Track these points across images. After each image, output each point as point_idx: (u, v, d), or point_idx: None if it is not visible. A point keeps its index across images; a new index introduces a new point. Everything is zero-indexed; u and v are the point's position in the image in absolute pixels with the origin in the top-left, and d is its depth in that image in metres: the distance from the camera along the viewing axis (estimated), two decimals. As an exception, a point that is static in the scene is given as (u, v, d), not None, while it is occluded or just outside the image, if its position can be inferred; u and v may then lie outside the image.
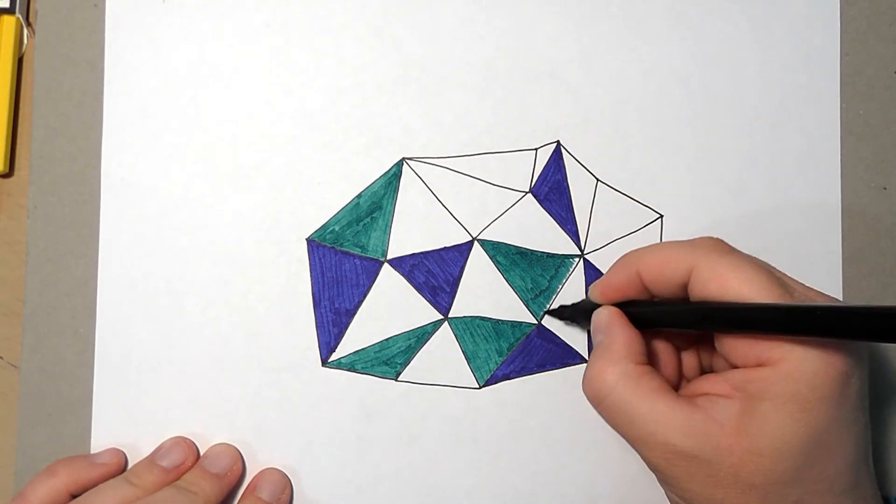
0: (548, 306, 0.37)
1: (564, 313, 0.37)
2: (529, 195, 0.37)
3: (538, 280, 0.37)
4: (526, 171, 0.37)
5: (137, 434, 0.36)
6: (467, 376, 0.37)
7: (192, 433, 0.36)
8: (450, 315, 0.37)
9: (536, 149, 0.37)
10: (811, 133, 0.38)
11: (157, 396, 0.36)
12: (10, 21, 0.37)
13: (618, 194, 0.37)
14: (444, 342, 0.37)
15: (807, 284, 0.31)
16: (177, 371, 0.36)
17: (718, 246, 0.31)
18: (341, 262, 0.37)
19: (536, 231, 0.37)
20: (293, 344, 0.36)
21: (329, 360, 0.36)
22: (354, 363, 0.36)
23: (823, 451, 0.28)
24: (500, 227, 0.37)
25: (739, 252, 0.31)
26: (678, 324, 0.32)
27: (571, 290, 0.37)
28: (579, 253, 0.37)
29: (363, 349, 0.36)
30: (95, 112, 0.36)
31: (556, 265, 0.37)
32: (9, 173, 0.37)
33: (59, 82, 0.36)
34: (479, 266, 0.37)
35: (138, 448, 0.36)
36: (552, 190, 0.37)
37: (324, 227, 0.37)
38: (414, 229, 0.37)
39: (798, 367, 0.28)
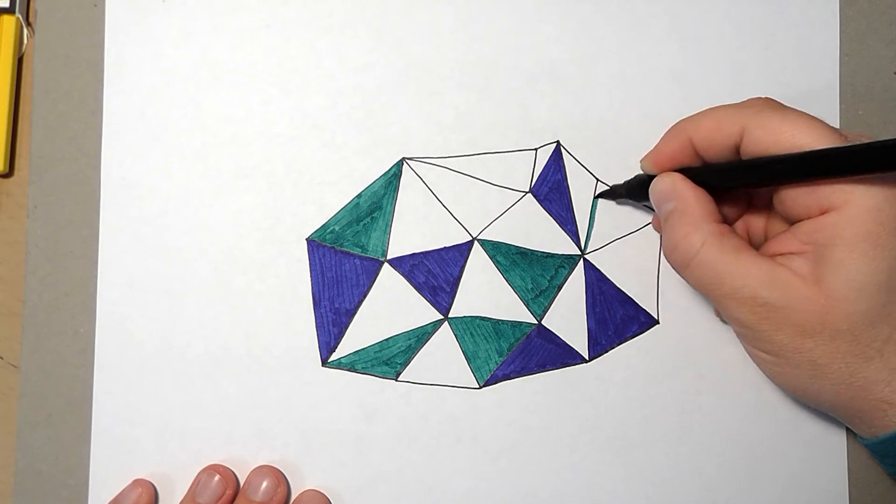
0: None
1: (618, 191, 0.37)
2: (529, 195, 0.37)
3: (538, 280, 0.37)
4: (526, 171, 0.37)
5: (137, 434, 0.36)
6: (467, 376, 0.37)
7: (192, 433, 0.36)
8: (450, 315, 0.37)
9: (536, 149, 0.37)
10: (811, 133, 0.38)
11: (157, 396, 0.36)
12: (10, 21, 0.37)
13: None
14: (444, 342, 0.37)
15: None
16: (177, 371, 0.36)
17: (768, 103, 0.31)
18: (341, 262, 0.37)
19: (536, 231, 0.37)
20: (293, 344, 0.36)
21: (329, 360, 0.36)
22: (354, 363, 0.36)
23: None
24: (500, 227, 0.37)
25: (789, 107, 0.31)
26: (737, 183, 0.32)
27: (571, 290, 0.37)
28: (579, 253, 0.37)
29: (363, 349, 0.36)
30: (95, 112, 0.36)
31: (556, 265, 0.37)
32: (9, 173, 0.37)
33: (59, 82, 0.36)
34: (479, 266, 0.37)
35: (139, 448, 0.36)
36: (552, 190, 0.37)
37: (324, 227, 0.37)
38: (414, 229, 0.37)
39: (863, 205, 0.28)
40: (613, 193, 0.37)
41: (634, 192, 0.36)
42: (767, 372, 0.32)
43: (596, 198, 0.37)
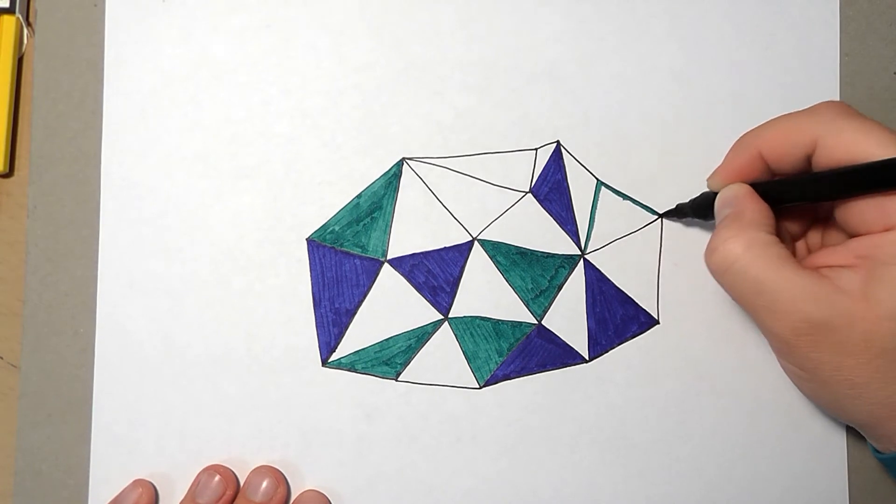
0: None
1: (684, 209, 0.36)
2: (529, 195, 0.37)
3: (538, 280, 0.37)
4: (526, 171, 0.37)
5: (137, 434, 0.36)
6: (467, 376, 0.37)
7: (192, 433, 0.36)
8: (450, 315, 0.37)
9: (536, 149, 0.37)
10: (811, 133, 0.38)
11: (157, 396, 0.36)
12: (10, 21, 0.37)
13: (617, 194, 0.37)
14: (445, 342, 0.37)
15: None
16: (177, 371, 0.36)
17: (842, 110, 0.31)
18: (341, 262, 0.37)
19: (536, 231, 0.37)
20: (293, 344, 0.36)
21: (329, 360, 0.36)
22: (354, 363, 0.36)
23: None
24: (500, 227, 0.37)
25: (862, 115, 0.30)
26: (807, 196, 0.31)
27: (571, 290, 0.37)
28: (579, 253, 0.37)
29: (363, 349, 0.36)
30: (95, 112, 0.36)
31: (556, 265, 0.37)
32: (9, 173, 0.37)
33: (59, 82, 0.36)
34: (479, 266, 0.37)
35: (139, 448, 0.36)
36: (552, 190, 0.37)
37: (324, 227, 0.37)
38: (414, 229, 0.37)
39: None
40: (679, 212, 0.37)
41: (699, 210, 0.35)
42: (801, 387, 0.31)
43: (661, 216, 0.37)
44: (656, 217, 0.37)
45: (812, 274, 0.30)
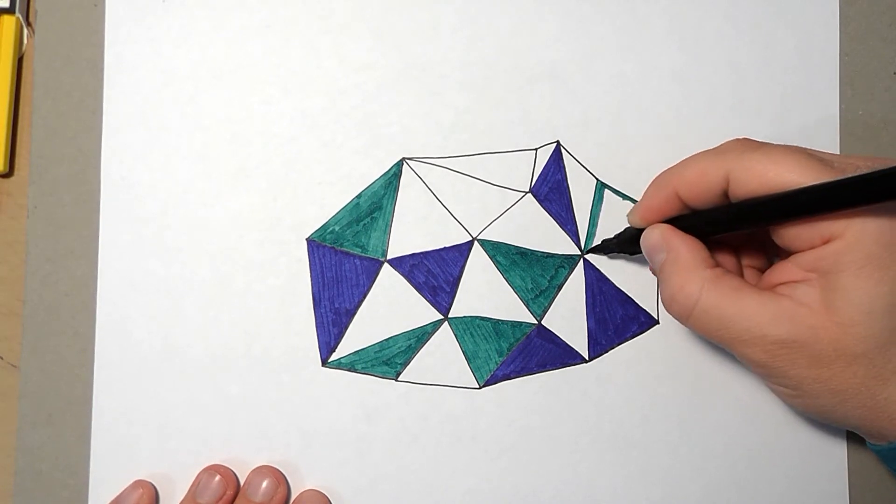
0: (589, 246, 0.37)
1: (609, 246, 0.36)
2: (529, 195, 0.37)
3: (538, 280, 0.37)
4: (526, 171, 0.37)
5: (137, 434, 0.36)
6: (467, 376, 0.37)
7: (192, 433, 0.36)
8: (450, 315, 0.37)
9: (536, 149, 0.37)
10: (810, 133, 0.38)
11: (157, 396, 0.36)
12: (10, 21, 0.37)
13: (617, 194, 0.37)
14: (444, 342, 0.37)
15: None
16: (177, 371, 0.36)
17: (747, 144, 0.31)
18: (341, 262, 0.37)
19: (536, 231, 0.37)
20: (293, 344, 0.36)
21: (329, 360, 0.36)
22: (354, 363, 0.36)
23: None
24: (500, 227, 0.37)
25: (769, 144, 0.31)
26: (729, 228, 0.31)
27: (571, 290, 0.37)
28: (579, 253, 0.37)
29: (363, 349, 0.36)
30: (95, 112, 0.36)
31: (556, 265, 0.37)
32: (9, 173, 0.37)
33: (59, 82, 0.36)
34: (479, 266, 0.37)
35: (139, 448, 0.36)
36: (552, 190, 0.37)
37: (324, 227, 0.37)
38: (414, 229, 0.37)
39: (865, 231, 0.28)
40: (604, 248, 0.37)
41: (625, 246, 0.36)
42: (791, 404, 0.32)
43: (587, 252, 0.37)
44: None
45: (771, 295, 0.30)
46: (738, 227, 0.31)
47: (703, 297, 0.31)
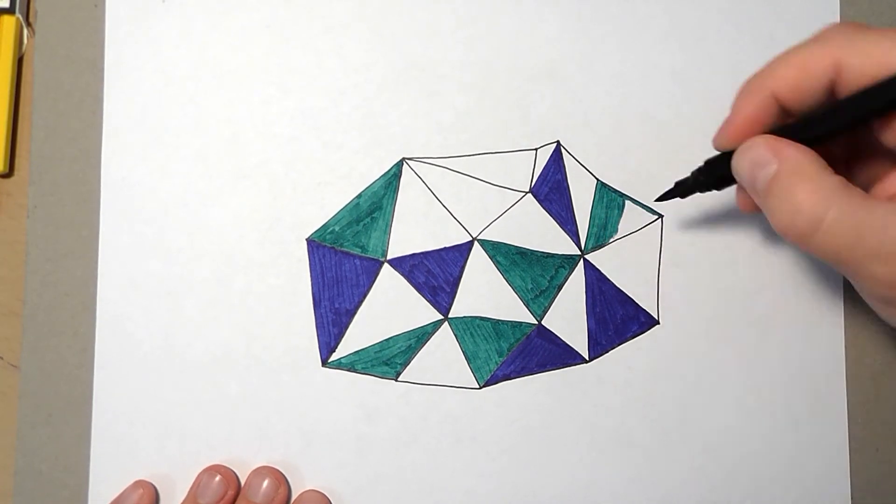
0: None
1: (686, 186, 0.32)
2: (529, 195, 0.37)
3: (538, 280, 0.37)
4: (526, 171, 0.37)
5: (137, 434, 0.36)
6: (467, 376, 0.37)
7: (192, 433, 0.36)
8: (450, 315, 0.37)
9: (536, 149, 0.37)
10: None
11: (157, 396, 0.36)
12: (10, 21, 0.37)
13: (617, 194, 0.37)
14: (445, 342, 0.37)
15: (807, 287, 0.29)
16: (177, 371, 0.36)
17: (853, 27, 0.27)
18: (341, 263, 0.37)
19: (536, 231, 0.37)
20: (293, 344, 0.36)
21: (329, 360, 0.36)
22: (354, 363, 0.36)
23: None
24: (500, 227, 0.37)
25: (876, 27, 0.27)
26: (847, 126, 0.27)
27: (571, 290, 0.37)
28: (579, 253, 0.37)
29: (363, 349, 0.36)
30: (95, 112, 0.36)
31: (556, 265, 0.37)
32: (9, 173, 0.37)
33: (59, 82, 0.36)
34: (479, 266, 0.37)
35: (139, 448, 0.36)
36: (552, 190, 0.37)
37: (324, 227, 0.37)
38: (414, 229, 0.37)
39: None
40: (682, 190, 0.33)
41: (711, 178, 0.31)
42: (884, 316, 0.28)
43: (658, 200, 0.34)
44: (656, 217, 0.37)
45: None
46: (859, 124, 0.27)
47: (833, 206, 0.26)
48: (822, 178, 0.27)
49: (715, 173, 0.31)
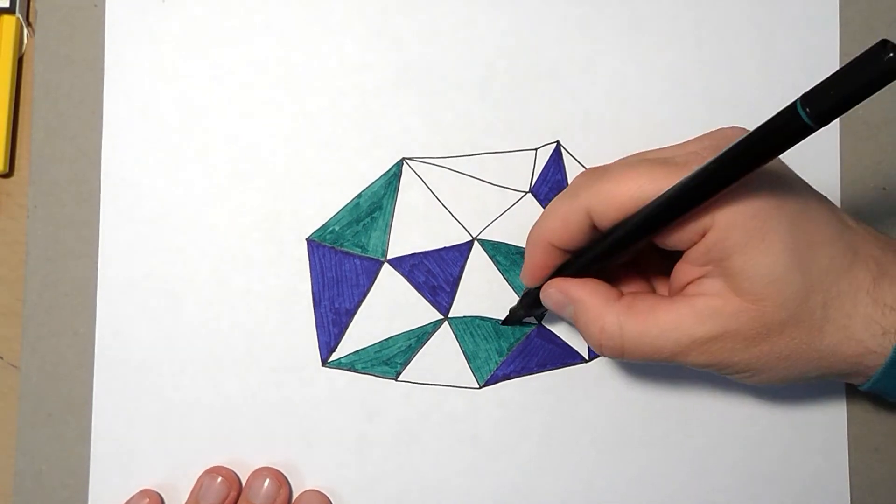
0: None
1: (518, 314, 0.36)
2: (529, 195, 0.37)
3: (538, 280, 0.37)
4: (526, 171, 0.37)
5: (137, 434, 0.36)
6: (467, 376, 0.37)
7: (192, 434, 0.36)
8: (450, 315, 0.37)
9: (536, 149, 0.37)
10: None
11: (157, 396, 0.36)
12: (10, 21, 0.37)
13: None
14: (445, 342, 0.37)
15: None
16: (177, 371, 0.36)
17: (594, 175, 0.31)
18: (341, 262, 0.37)
19: (536, 231, 0.37)
20: (293, 344, 0.36)
21: (329, 360, 0.36)
22: (354, 363, 0.36)
23: (807, 248, 0.29)
24: (500, 227, 0.37)
25: (614, 165, 0.31)
26: (611, 257, 0.31)
27: (571, 290, 0.37)
28: (579, 253, 0.37)
29: (363, 349, 0.36)
30: (95, 112, 0.36)
31: (556, 265, 0.37)
32: (9, 173, 0.37)
33: (59, 82, 0.36)
34: (479, 266, 0.37)
35: (139, 448, 0.36)
36: (552, 190, 0.37)
37: (324, 227, 0.37)
38: (414, 229, 0.37)
39: (730, 214, 0.28)
40: (514, 318, 0.36)
41: (533, 309, 0.35)
42: (751, 383, 0.32)
43: (502, 324, 0.37)
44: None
45: (683, 300, 0.30)
46: (619, 254, 0.31)
47: (625, 329, 0.31)
48: (607, 309, 0.31)
49: (535, 304, 0.34)
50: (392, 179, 0.37)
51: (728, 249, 0.29)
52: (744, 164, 0.26)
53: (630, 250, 0.31)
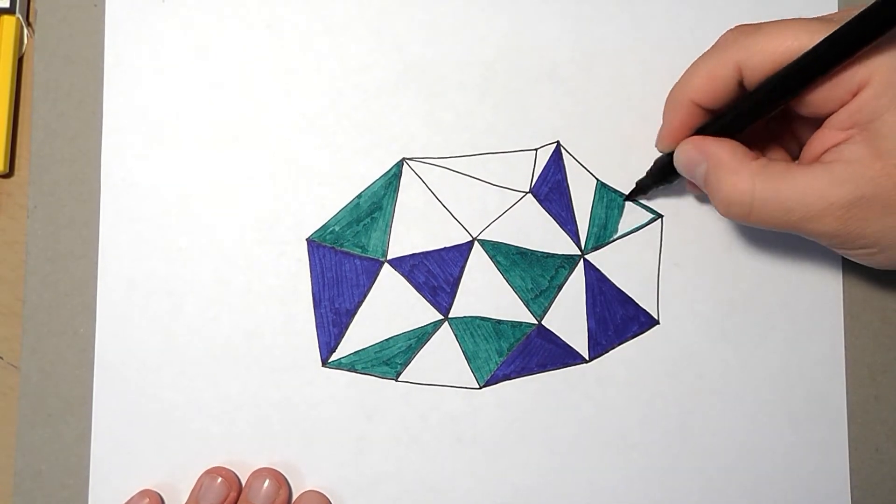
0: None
1: (645, 185, 0.36)
2: (529, 195, 0.37)
3: (538, 280, 0.37)
4: (526, 171, 0.37)
5: (137, 434, 0.36)
6: (467, 376, 0.37)
7: (192, 433, 0.36)
8: (450, 315, 0.37)
9: (536, 149, 0.37)
10: (811, 133, 0.38)
11: (157, 396, 0.36)
12: (10, 21, 0.37)
13: (618, 194, 0.37)
14: (445, 342, 0.37)
15: (807, 287, 0.31)
16: (177, 371, 0.36)
17: (744, 31, 0.31)
18: (341, 263, 0.37)
19: (536, 231, 0.37)
20: (293, 344, 0.36)
21: (329, 361, 0.36)
22: (354, 363, 0.36)
23: None
24: (500, 227, 0.37)
25: (765, 24, 0.31)
26: (757, 114, 0.31)
27: (571, 290, 0.37)
28: (579, 253, 0.37)
29: (363, 349, 0.36)
30: (95, 112, 0.36)
31: (556, 265, 0.37)
32: (9, 173, 0.37)
33: (59, 82, 0.36)
34: (479, 266, 0.37)
35: (139, 448, 0.36)
36: (552, 190, 0.37)
37: (324, 227, 0.37)
38: (414, 229, 0.37)
39: (890, 70, 0.28)
40: (642, 189, 0.37)
41: (661, 176, 0.35)
42: (873, 263, 0.32)
43: (626, 200, 0.37)
44: (656, 217, 0.37)
45: (820, 165, 0.30)
46: (765, 111, 0.31)
47: (757, 188, 0.30)
48: (742, 166, 0.31)
49: (664, 171, 0.35)
50: (392, 179, 0.37)
51: (880, 108, 0.28)
52: None
53: (775, 107, 0.31)
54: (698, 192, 0.37)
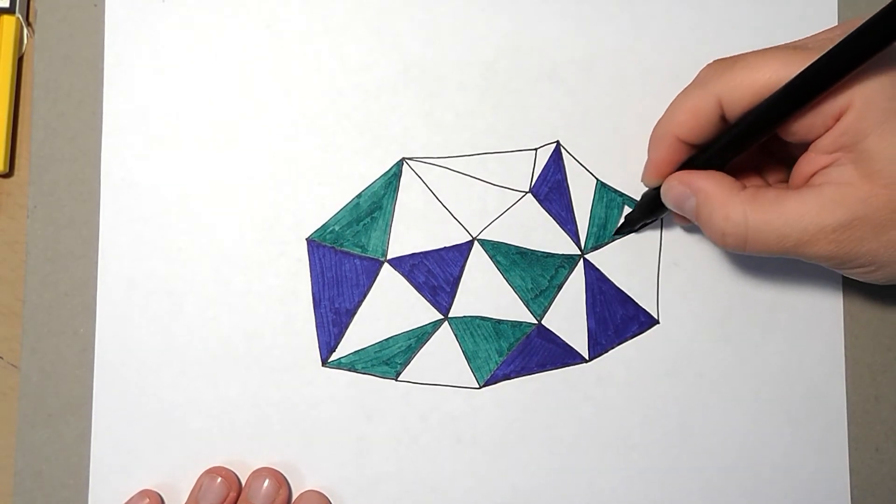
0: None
1: (634, 219, 0.36)
2: (529, 195, 0.37)
3: (538, 280, 0.37)
4: (526, 171, 0.37)
5: (137, 434, 0.36)
6: (467, 376, 0.37)
7: (192, 433, 0.36)
8: (450, 315, 0.37)
9: (536, 149, 0.37)
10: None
11: (157, 396, 0.36)
12: (10, 21, 0.37)
13: (617, 194, 0.37)
14: (444, 342, 0.37)
15: (807, 287, 0.31)
16: (177, 371, 0.36)
17: (723, 65, 0.31)
18: (341, 262, 0.37)
19: (536, 231, 0.37)
20: (293, 344, 0.36)
21: (329, 360, 0.36)
22: (354, 363, 0.36)
23: None
24: (500, 227, 0.37)
25: (743, 56, 0.31)
26: (741, 147, 0.31)
27: (571, 290, 0.37)
28: (579, 253, 0.37)
29: (363, 349, 0.36)
30: (95, 112, 0.36)
31: (556, 265, 0.37)
32: (9, 173, 0.37)
33: (59, 82, 0.36)
34: (479, 266, 0.37)
35: (139, 448, 0.36)
36: (552, 190, 0.37)
37: (324, 227, 0.37)
38: (414, 229, 0.37)
39: (870, 91, 0.28)
40: (631, 223, 0.37)
41: (649, 210, 0.36)
42: (872, 280, 0.32)
43: (615, 235, 0.37)
44: (655, 217, 0.37)
45: (809, 189, 0.30)
46: (749, 143, 0.31)
47: (750, 218, 0.30)
48: (732, 198, 0.31)
49: (652, 205, 0.35)
50: (392, 179, 0.37)
51: (864, 131, 0.29)
52: (887, 32, 0.26)
53: (758, 139, 0.31)
54: (687, 224, 0.36)
